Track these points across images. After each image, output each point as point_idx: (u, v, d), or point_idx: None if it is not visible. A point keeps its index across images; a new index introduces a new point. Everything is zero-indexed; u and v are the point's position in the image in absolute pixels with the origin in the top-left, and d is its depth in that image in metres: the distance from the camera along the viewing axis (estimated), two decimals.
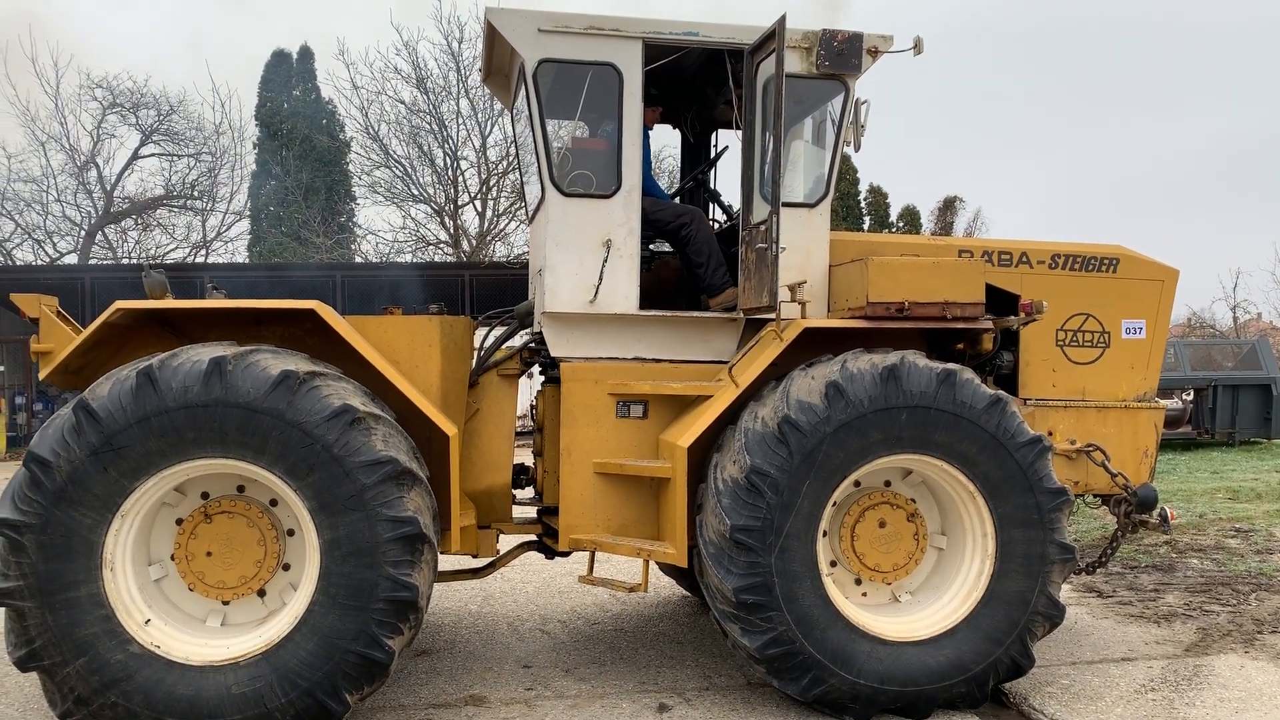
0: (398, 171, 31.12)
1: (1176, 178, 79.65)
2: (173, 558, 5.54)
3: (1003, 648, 5.93)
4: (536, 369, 7.02)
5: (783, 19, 6.07)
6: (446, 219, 31.05)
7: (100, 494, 5.09)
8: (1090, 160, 78.82)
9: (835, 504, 6.02)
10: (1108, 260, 7.05)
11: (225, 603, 5.64)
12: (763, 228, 6.13)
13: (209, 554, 5.53)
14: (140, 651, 5.20)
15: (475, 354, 6.81)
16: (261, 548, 5.56)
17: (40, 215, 35.27)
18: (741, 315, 6.47)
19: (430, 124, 30.40)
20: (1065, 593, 8.84)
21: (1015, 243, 7.03)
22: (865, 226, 36.02)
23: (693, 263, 6.90)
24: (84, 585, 5.12)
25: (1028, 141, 79.89)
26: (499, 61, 7.19)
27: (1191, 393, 21.91)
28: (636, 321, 6.56)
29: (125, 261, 34.25)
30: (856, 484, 6.11)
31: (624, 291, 6.46)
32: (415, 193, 30.99)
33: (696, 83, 7.53)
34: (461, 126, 30.51)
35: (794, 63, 6.50)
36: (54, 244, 35.52)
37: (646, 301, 6.75)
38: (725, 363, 6.41)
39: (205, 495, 5.60)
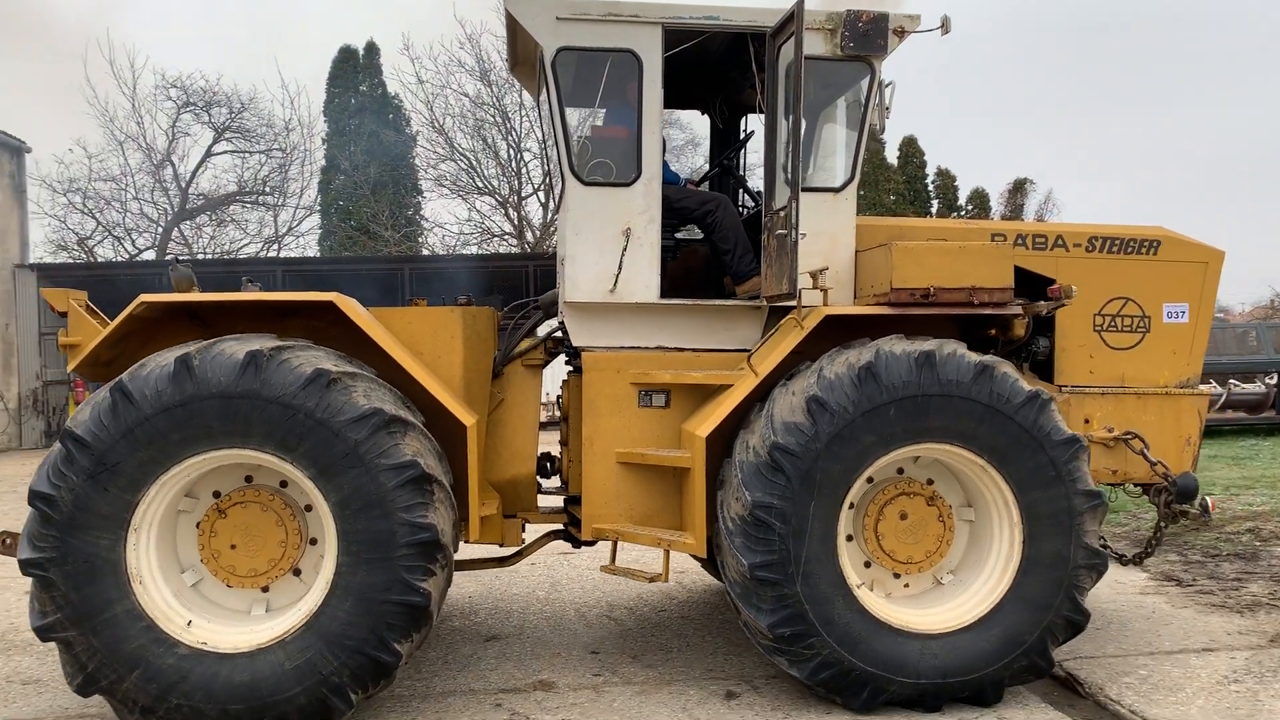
0: (463, 164, 31.36)
1: (1264, 154, 77.57)
2: (202, 561, 5.62)
3: (1052, 611, 5.76)
4: (563, 359, 6.99)
5: (801, 1, 5.97)
6: (510, 210, 31.21)
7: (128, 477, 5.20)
8: (1170, 141, 77.03)
9: (852, 505, 5.91)
10: (1148, 242, 6.84)
11: (265, 589, 5.69)
12: (783, 214, 6.04)
13: (233, 547, 5.57)
14: (189, 652, 5.27)
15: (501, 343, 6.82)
16: (281, 528, 5.60)
17: (119, 213, 36.27)
18: (765, 303, 6.39)
19: (494, 117, 30.59)
20: (1141, 582, 8.71)
21: (1050, 225, 6.86)
22: (933, 210, 35.49)
23: (719, 250, 6.83)
24: (119, 603, 5.21)
25: (1107, 122, 78.30)
26: (524, 51, 7.15)
27: (1275, 376, 21.27)
28: (658, 310, 6.50)
29: (201, 257, 34.98)
30: (870, 480, 5.99)
31: (645, 280, 6.40)
32: (480, 185, 31.20)
33: (723, 67, 7.42)
34: (525, 118, 30.66)
35: (817, 45, 6.39)
36: (133, 240, 36.51)
37: (674, 290, 6.70)
38: (749, 351, 6.32)
39: (216, 494, 5.65)
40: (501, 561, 7.12)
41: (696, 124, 33.05)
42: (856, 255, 6.55)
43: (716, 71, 7.50)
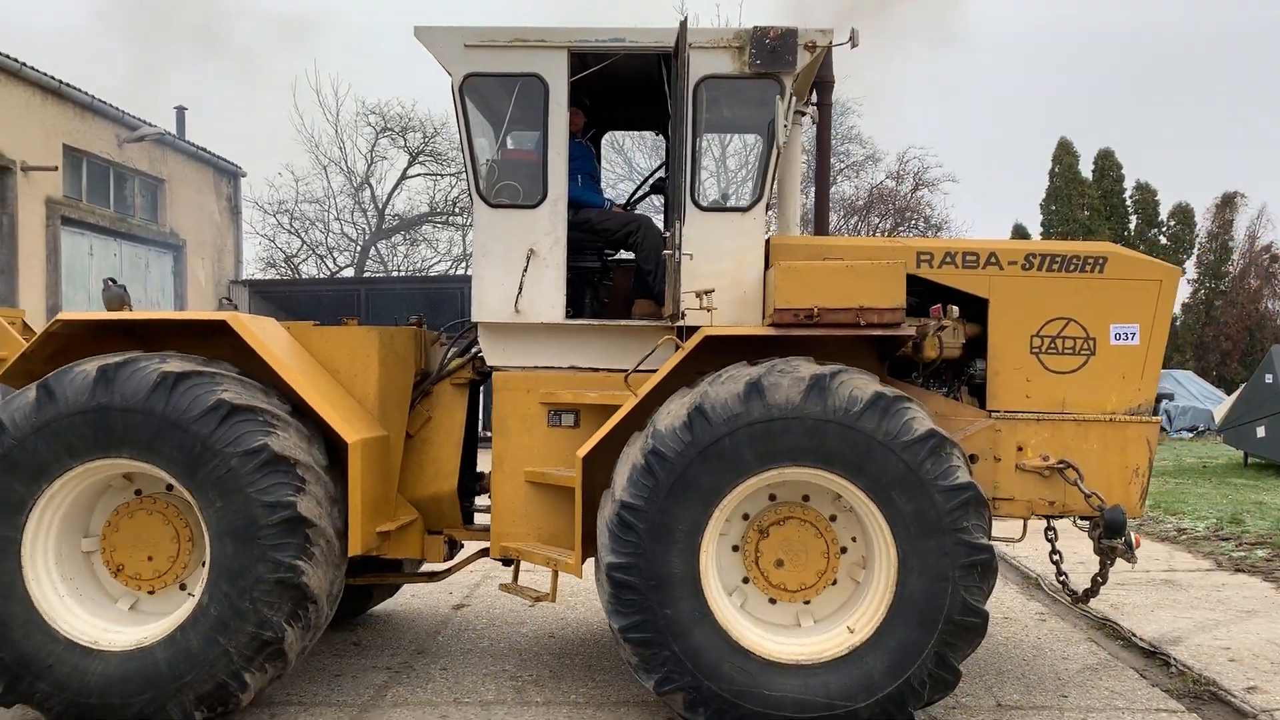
0: (636, 182, 31.81)
1: None
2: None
3: (877, 697, 5.53)
4: None
5: (684, 22, 5.96)
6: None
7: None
8: None
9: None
10: (1092, 259, 6.43)
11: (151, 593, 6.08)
12: (665, 234, 6.02)
13: (149, 558, 6.01)
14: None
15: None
16: (170, 528, 5.99)
17: (323, 233, 38.72)
18: (670, 323, 6.35)
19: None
20: None
21: (983, 242, 6.55)
22: (1131, 226, 33.66)
23: (643, 270, 6.84)
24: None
25: None
26: None
27: None
28: (568, 331, 6.56)
29: (395, 274, 36.78)
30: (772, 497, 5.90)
31: (550, 301, 6.48)
32: (658, 203, 31.55)
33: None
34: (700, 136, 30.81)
35: (725, 63, 6.33)
36: (334, 259, 38.75)
37: (608, 311, 6.75)
38: (632, 371, 6.28)
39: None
40: (432, 576, 7.33)
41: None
42: (766, 274, 6.44)
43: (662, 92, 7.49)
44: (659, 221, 7.54)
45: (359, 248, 38.05)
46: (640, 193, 7.96)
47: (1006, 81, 76.74)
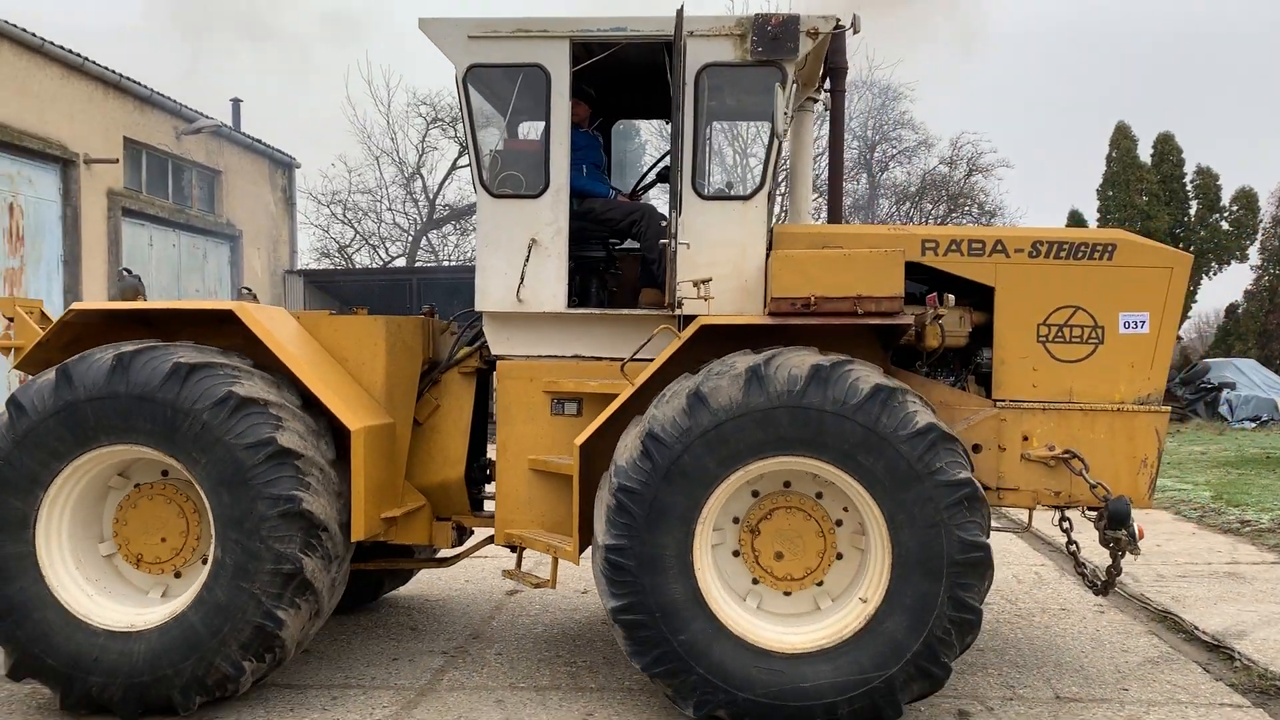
0: (718, 170, 31.82)
1: None
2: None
3: (906, 658, 5.49)
4: None
5: (680, 10, 5.96)
6: None
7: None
8: None
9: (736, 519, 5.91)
10: (1101, 247, 6.34)
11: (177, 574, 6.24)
12: (664, 224, 6.03)
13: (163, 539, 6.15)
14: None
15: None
16: (182, 518, 6.12)
17: (375, 223, 39.24)
18: (673, 311, 6.36)
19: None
20: None
21: (989, 230, 6.50)
22: (1192, 211, 32.93)
23: (647, 259, 6.85)
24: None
25: None
26: None
27: None
28: (572, 320, 6.60)
29: (446, 264, 37.09)
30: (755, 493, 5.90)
31: (552, 290, 6.51)
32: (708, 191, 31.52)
33: None
34: (751, 124, 30.72)
35: (726, 51, 6.32)
36: (386, 249, 39.21)
37: (617, 300, 6.79)
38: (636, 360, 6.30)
39: (137, 485, 6.23)
40: (441, 562, 7.43)
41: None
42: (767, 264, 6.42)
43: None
44: (665, 211, 7.53)
45: (410, 237, 38.50)
46: (646, 181, 7.95)
47: (1064, 66, 75.48)
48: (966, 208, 35.02)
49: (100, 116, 22.06)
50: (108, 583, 6.16)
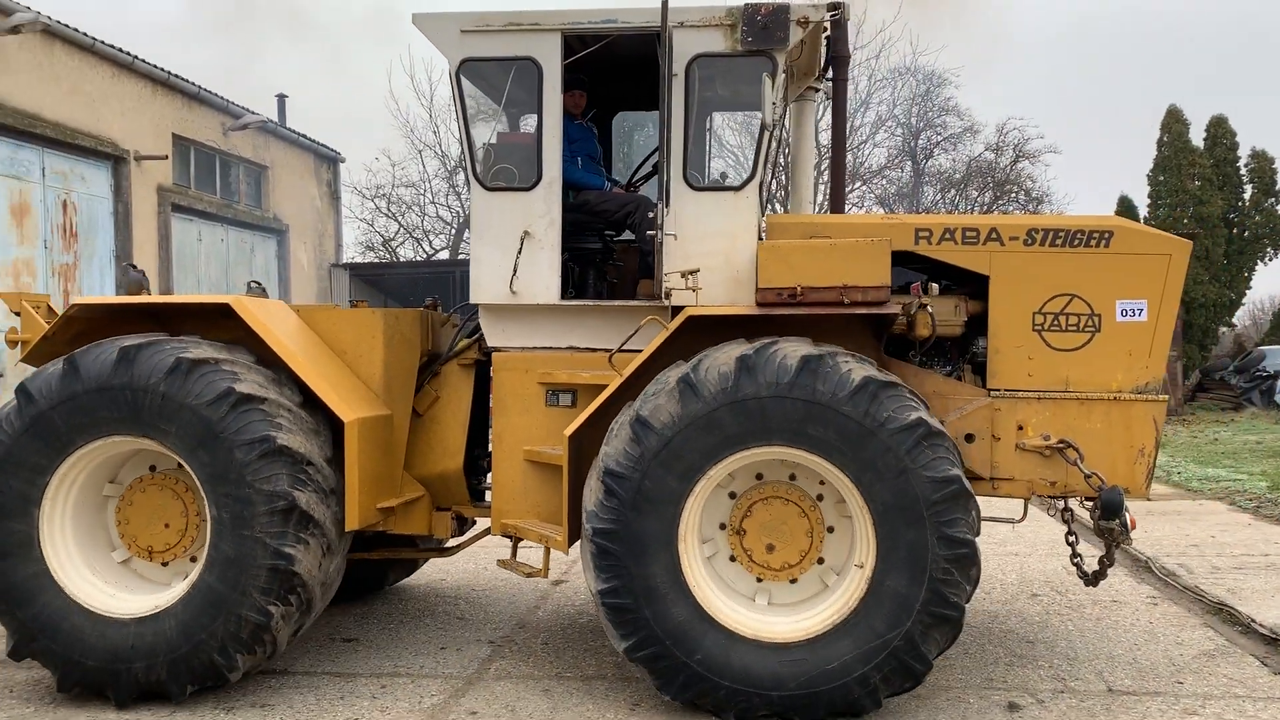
0: (730, 161, 31.70)
1: None
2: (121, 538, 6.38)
3: (917, 609, 5.46)
4: None
5: (665, 1, 5.95)
6: (777, 204, 31.27)
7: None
8: None
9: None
10: (1098, 234, 6.26)
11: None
12: (650, 215, 6.05)
13: (166, 525, 6.31)
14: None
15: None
16: (180, 503, 6.29)
17: (419, 216, 39.63)
18: (666, 303, 6.38)
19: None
20: None
21: (984, 218, 6.43)
22: (1246, 196, 32.14)
23: (642, 250, 6.87)
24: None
25: None
26: None
27: None
28: (565, 311, 6.63)
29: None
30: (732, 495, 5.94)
31: (545, 282, 6.54)
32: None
33: None
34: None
35: (716, 41, 6.32)
36: (430, 242, 39.62)
37: (616, 291, 6.82)
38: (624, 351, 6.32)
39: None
40: (443, 551, 7.53)
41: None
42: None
43: None
44: None
45: (454, 230, 38.82)
46: (643, 173, 7.96)
47: (1115, 50, 74.13)
48: (1013, 194, 34.59)
49: (150, 114, 22.42)
50: (129, 581, 6.34)
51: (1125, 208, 31.07)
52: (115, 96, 21.18)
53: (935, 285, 6.12)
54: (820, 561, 5.92)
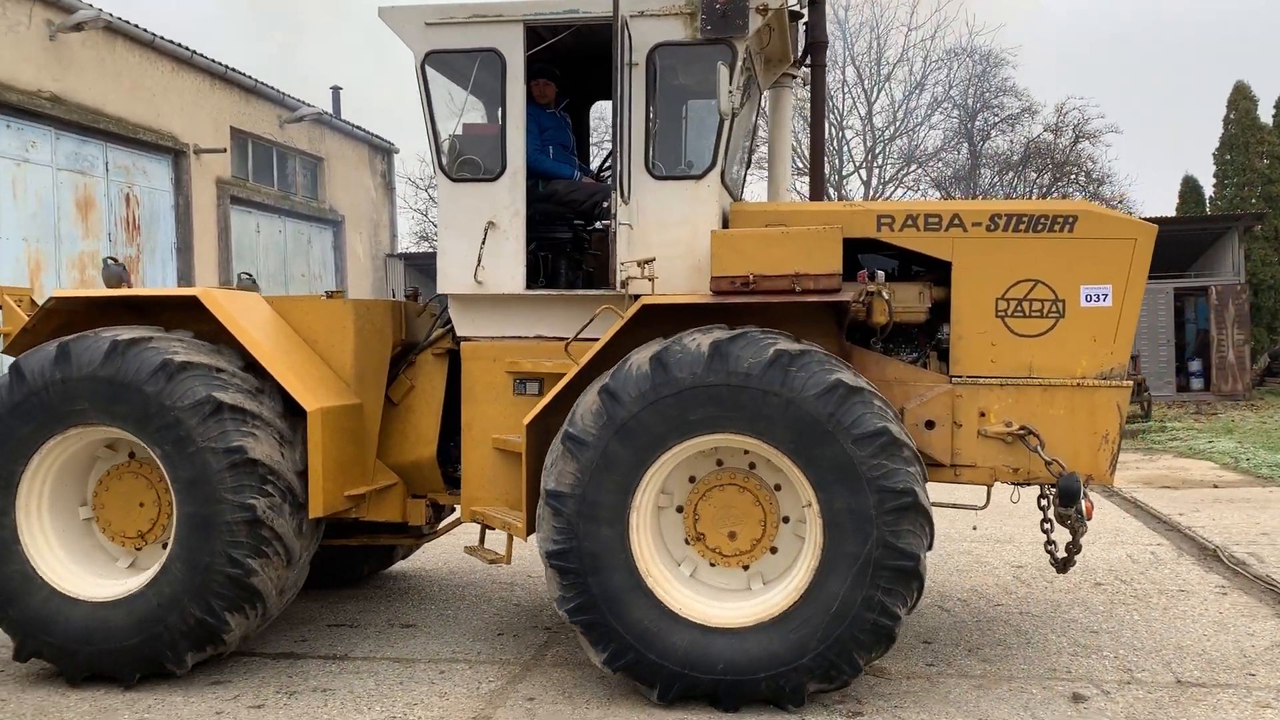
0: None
1: None
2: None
3: (874, 528, 5.44)
4: None
5: None
6: (831, 189, 31.03)
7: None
8: None
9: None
10: (1062, 218, 6.16)
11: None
12: (605, 204, 6.08)
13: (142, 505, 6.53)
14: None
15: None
16: (153, 492, 6.47)
17: None
18: (617, 293, 6.40)
19: None
20: None
21: (946, 204, 6.38)
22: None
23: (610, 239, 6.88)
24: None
25: None
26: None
27: None
28: (531, 301, 6.68)
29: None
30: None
31: (510, 272, 6.61)
32: (800, 166, 31.21)
33: None
34: (847, 94, 30.35)
35: (676, 30, 6.33)
36: None
37: (593, 281, 6.87)
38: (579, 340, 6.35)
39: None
40: (420, 538, 7.66)
41: None
42: None
43: None
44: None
45: None
46: (609, 162, 7.96)
47: (1179, 26, 72.01)
48: (1073, 176, 33.92)
49: (208, 107, 22.88)
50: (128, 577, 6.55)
51: (1190, 188, 30.39)
52: (175, 91, 21.65)
53: (882, 272, 6.06)
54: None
